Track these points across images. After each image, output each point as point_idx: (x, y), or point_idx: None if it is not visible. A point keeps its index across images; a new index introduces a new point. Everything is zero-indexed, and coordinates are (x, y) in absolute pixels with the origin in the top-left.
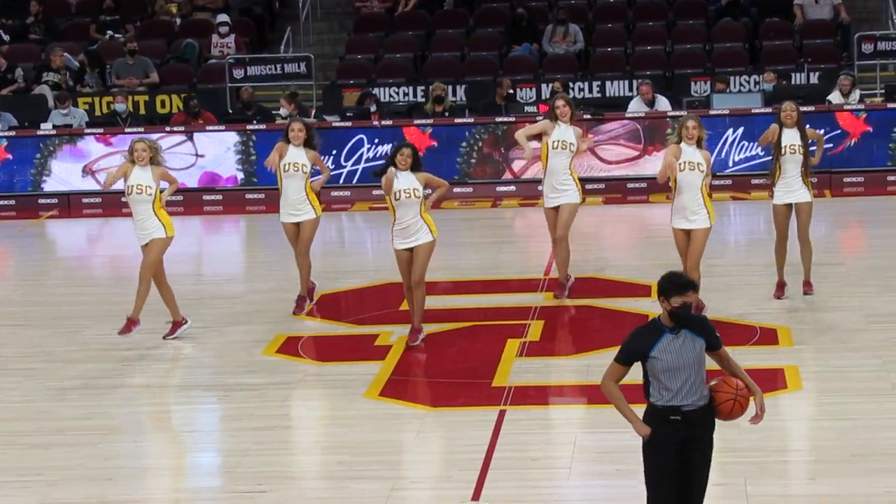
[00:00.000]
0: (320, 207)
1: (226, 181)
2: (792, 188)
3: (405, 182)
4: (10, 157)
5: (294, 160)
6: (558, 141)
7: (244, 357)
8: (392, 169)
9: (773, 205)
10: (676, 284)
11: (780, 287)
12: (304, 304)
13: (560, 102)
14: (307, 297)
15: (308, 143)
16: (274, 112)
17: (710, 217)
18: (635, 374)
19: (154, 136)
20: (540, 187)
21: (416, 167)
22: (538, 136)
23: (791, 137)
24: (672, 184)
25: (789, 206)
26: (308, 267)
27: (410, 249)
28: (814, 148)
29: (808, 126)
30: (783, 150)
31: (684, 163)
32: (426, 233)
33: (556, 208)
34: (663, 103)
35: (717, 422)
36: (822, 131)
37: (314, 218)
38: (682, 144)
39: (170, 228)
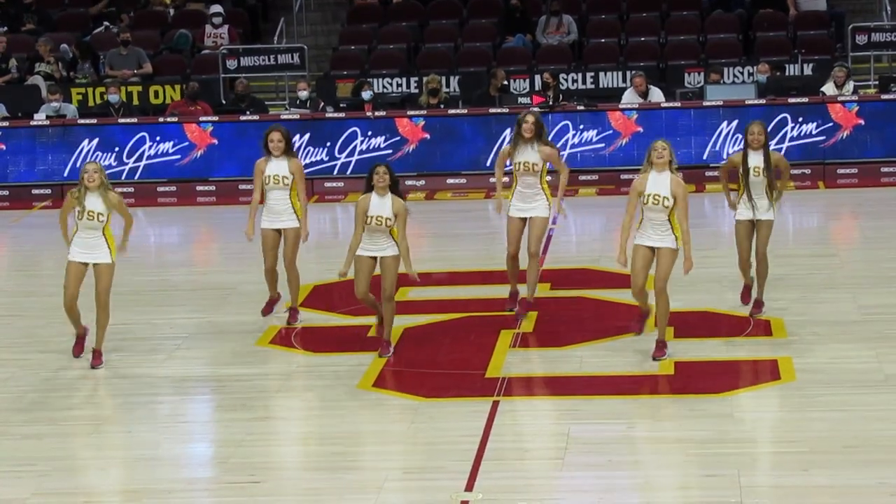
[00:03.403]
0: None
1: (219, 172)
2: (756, 206)
3: (378, 209)
4: (3, 147)
5: (276, 172)
6: (520, 163)
7: (237, 348)
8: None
9: (735, 221)
10: None
11: (748, 288)
12: (297, 315)
13: (530, 119)
14: (295, 311)
15: (289, 152)
16: (291, 95)
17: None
18: (638, 365)
19: (148, 127)
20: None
21: (394, 187)
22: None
23: (756, 160)
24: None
25: (751, 223)
26: (297, 280)
27: (375, 258)
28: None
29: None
30: (749, 172)
31: (648, 196)
32: (393, 245)
33: (523, 220)
34: (657, 94)
35: (711, 413)
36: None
37: (297, 227)
38: (652, 172)
39: (114, 252)
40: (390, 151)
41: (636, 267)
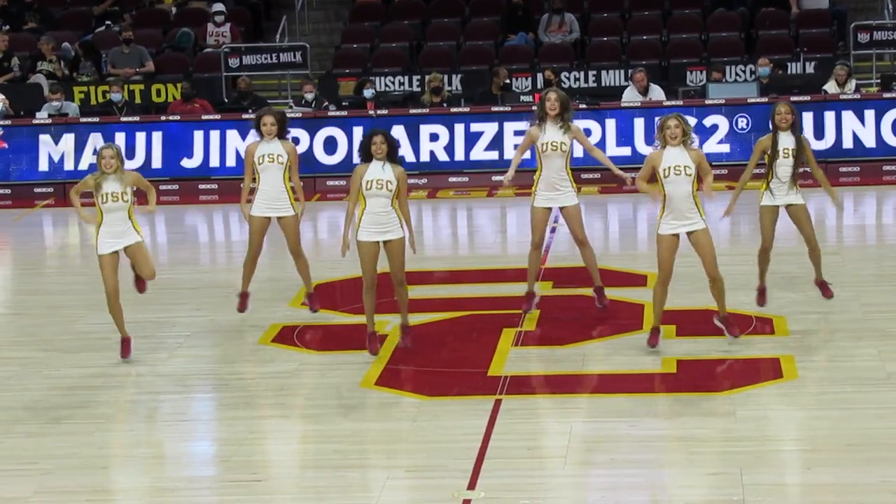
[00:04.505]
0: (298, 206)
1: (221, 170)
2: (784, 191)
3: (376, 173)
4: (5, 145)
5: (269, 151)
6: (547, 143)
7: (240, 346)
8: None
9: (760, 206)
10: None
11: (762, 293)
12: (316, 299)
13: (552, 96)
14: (313, 297)
15: (281, 135)
16: (294, 94)
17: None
18: (641, 364)
19: (150, 125)
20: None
21: (392, 155)
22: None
23: (787, 141)
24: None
25: (777, 208)
26: (306, 266)
27: (378, 243)
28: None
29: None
30: (778, 154)
31: (668, 168)
32: (398, 227)
33: (549, 210)
34: (657, 91)
35: (713, 411)
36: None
37: (294, 215)
38: (667, 148)
39: (140, 231)
40: None
41: (664, 256)
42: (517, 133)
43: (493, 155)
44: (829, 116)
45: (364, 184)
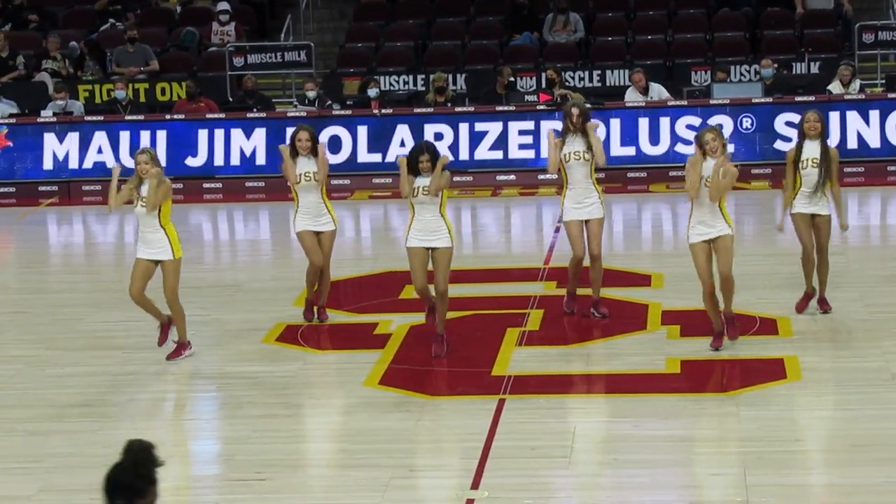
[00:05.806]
0: (336, 220)
1: (225, 169)
2: (812, 199)
3: (423, 181)
4: (10, 144)
5: (306, 169)
6: (570, 153)
7: (244, 345)
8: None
9: (791, 214)
10: None
11: (808, 298)
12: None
13: (575, 111)
14: (323, 308)
15: (314, 151)
16: (297, 92)
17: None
18: (644, 364)
19: (154, 124)
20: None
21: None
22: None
23: (812, 150)
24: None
25: (809, 215)
26: (328, 282)
27: (428, 250)
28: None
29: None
30: (804, 164)
31: (704, 177)
32: (447, 235)
33: (583, 222)
34: (657, 90)
35: (717, 411)
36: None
37: (332, 230)
38: (707, 158)
39: (177, 249)
40: None
41: (702, 265)
42: (521, 132)
43: (498, 154)
44: (834, 117)
45: (412, 191)
